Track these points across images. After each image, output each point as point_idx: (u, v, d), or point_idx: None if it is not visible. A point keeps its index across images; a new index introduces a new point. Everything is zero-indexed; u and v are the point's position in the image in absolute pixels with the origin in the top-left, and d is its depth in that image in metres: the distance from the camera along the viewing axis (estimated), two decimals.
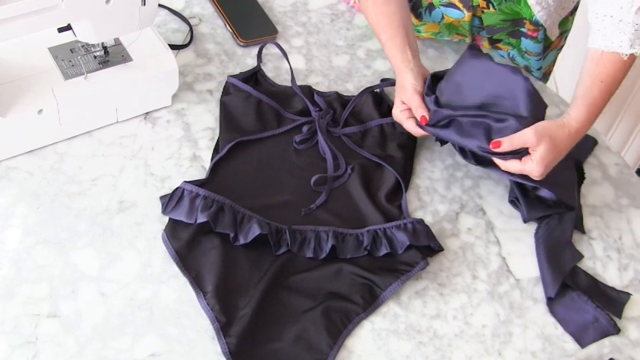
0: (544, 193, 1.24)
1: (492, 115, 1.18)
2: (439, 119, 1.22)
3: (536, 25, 1.42)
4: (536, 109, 1.19)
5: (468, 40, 1.51)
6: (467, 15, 1.42)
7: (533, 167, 1.16)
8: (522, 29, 1.45)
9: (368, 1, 1.35)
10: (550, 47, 1.52)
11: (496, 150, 1.16)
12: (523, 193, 1.26)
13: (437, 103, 1.23)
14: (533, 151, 1.16)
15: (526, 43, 1.47)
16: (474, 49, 1.27)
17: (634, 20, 1.15)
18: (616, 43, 1.17)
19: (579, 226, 1.29)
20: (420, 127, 1.24)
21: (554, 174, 1.20)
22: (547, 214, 1.27)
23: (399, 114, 1.28)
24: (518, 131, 1.16)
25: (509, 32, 1.47)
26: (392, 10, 1.32)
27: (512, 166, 1.17)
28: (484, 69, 1.22)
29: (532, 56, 1.50)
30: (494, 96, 1.20)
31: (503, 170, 1.19)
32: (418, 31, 1.53)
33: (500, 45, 1.51)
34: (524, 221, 1.27)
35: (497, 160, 1.18)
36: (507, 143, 1.15)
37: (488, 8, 1.41)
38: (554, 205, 1.26)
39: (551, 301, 1.18)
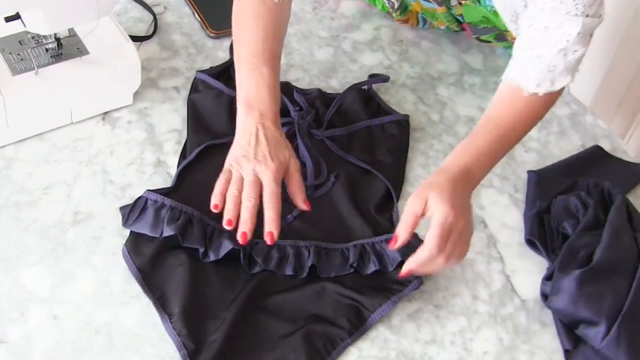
0: None
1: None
2: None
3: None
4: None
5: (455, 26, 1.50)
6: (439, 8, 1.43)
7: (446, 222, 1.07)
8: (507, 37, 1.46)
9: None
10: None
11: (398, 244, 1.10)
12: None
13: None
14: (427, 210, 1.09)
15: None
16: None
17: (552, 60, 1.14)
18: (524, 77, 1.16)
19: None
20: None
21: None
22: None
23: None
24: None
25: (495, 36, 1.47)
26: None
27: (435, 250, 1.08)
28: None
29: None
30: None
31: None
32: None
33: (491, 44, 1.52)
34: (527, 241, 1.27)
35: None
36: (402, 229, 1.09)
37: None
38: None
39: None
